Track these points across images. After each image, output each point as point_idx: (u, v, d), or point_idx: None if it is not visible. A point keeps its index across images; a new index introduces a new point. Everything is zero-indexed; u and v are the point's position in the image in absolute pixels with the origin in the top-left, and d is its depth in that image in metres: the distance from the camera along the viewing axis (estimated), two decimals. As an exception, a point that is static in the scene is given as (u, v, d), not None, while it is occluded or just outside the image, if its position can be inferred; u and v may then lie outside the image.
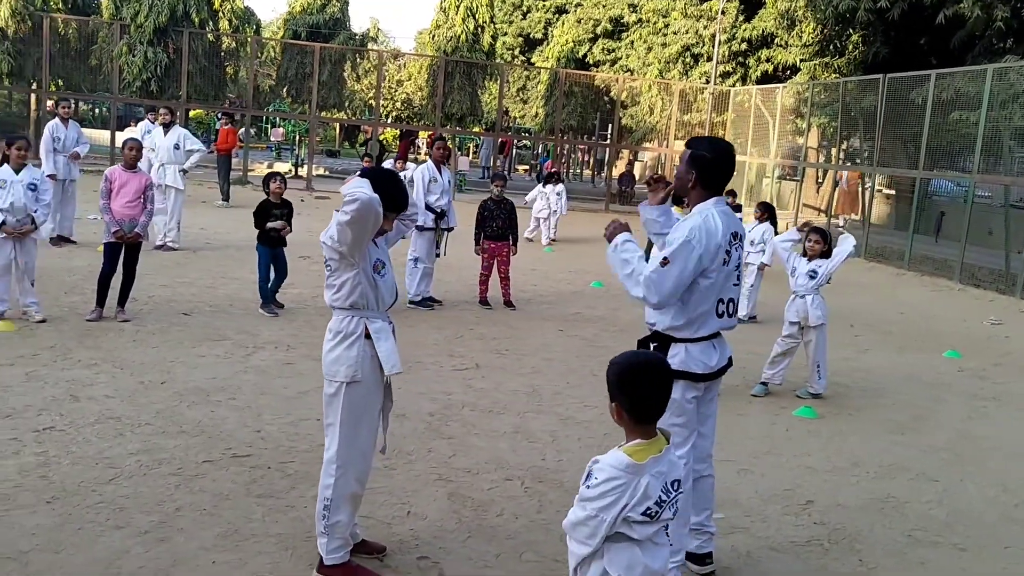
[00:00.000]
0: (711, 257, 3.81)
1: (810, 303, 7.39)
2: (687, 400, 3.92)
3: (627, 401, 2.64)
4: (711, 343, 3.97)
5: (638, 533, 2.60)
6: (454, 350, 8.13)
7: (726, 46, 27.83)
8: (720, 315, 3.96)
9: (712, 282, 3.87)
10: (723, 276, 3.89)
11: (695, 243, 3.78)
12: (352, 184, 3.54)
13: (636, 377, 2.66)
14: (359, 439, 3.81)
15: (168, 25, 23.37)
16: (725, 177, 4.03)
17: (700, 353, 3.92)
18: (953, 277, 16.34)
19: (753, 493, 5.28)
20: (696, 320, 3.89)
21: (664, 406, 2.68)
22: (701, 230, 3.80)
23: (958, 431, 6.96)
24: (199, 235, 13.66)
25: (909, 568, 4.46)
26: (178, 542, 4.06)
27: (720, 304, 3.94)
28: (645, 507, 2.57)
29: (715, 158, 3.97)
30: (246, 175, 23.81)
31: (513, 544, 4.32)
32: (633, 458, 2.59)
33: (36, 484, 4.53)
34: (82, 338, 7.39)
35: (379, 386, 3.85)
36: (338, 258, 3.68)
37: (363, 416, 3.80)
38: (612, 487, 2.56)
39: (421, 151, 43.12)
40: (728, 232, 3.88)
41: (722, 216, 3.90)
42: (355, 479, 3.83)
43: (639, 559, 2.61)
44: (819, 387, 7.45)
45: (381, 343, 3.76)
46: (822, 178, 27.48)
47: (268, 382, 6.61)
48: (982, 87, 15.90)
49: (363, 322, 3.76)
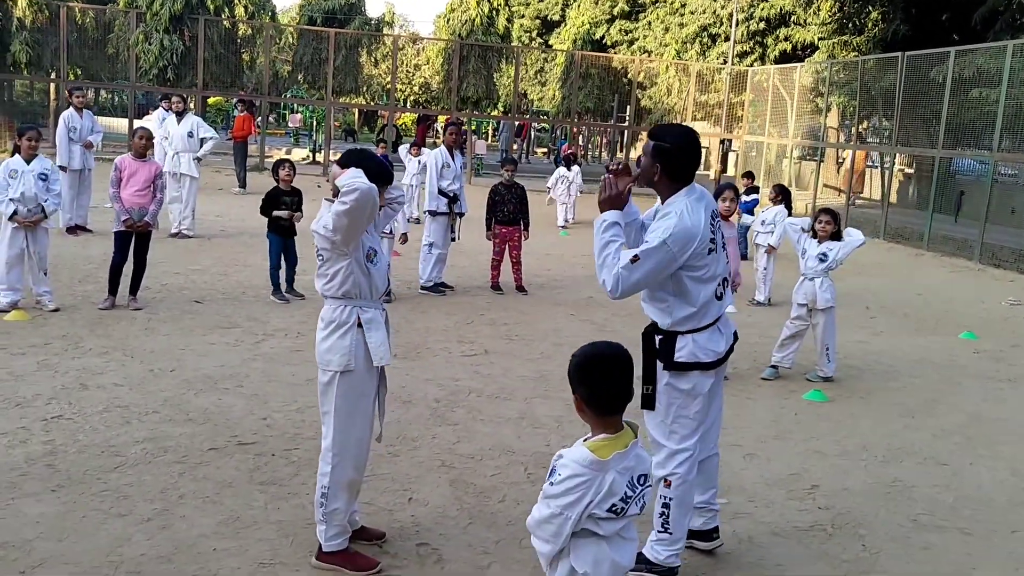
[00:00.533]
0: (691, 252, 3.74)
1: (819, 285, 7.34)
2: (701, 391, 3.88)
3: (586, 392, 2.60)
4: (716, 328, 3.93)
5: (604, 529, 2.57)
6: (464, 335, 8.14)
7: (744, 26, 27.56)
8: (719, 297, 3.93)
9: (705, 272, 3.82)
10: (714, 261, 3.85)
11: (670, 244, 3.69)
12: (348, 175, 3.55)
13: (595, 368, 2.62)
14: (354, 427, 3.82)
15: (184, 12, 23.47)
16: (691, 165, 3.93)
17: (707, 341, 3.87)
18: (973, 257, 16.16)
19: (759, 478, 5.26)
20: (697, 310, 3.84)
21: (626, 398, 2.63)
22: (678, 230, 3.71)
23: (971, 414, 6.89)
24: (214, 222, 13.73)
25: (912, 553, 4.43)
26: (179, 529, 4.09)
27: (717, 287, 3.90)
28: (610, 503, 2.53)
29: (677, 147, 3.86)
30: (263, 162, 23.88)
31: (513, 530, 4.32)
32: (597, 454, 2.54)
33: (42, 472, 4.58)
34: (94, 327, 7.46)
35: (373, 374, 3.86)
36: (330, 247, 3.68)
37: (357, 404, 3.81)
38: (576, 484, 2.52)
39: (440, 136, 43.16)
40: (707, 217, 3.82)
41: (696, 204, 3.81)
42: (352, 466, 3.85)
43: (606, 554, 2.58)
44: (828, 370, 7.40)
45: (372, 333, 3.76)
46: (842, 158, 27.23)
47: (276, 369, 6.64)
48: (1003, 63, 15.66)
49: (356, 311, 3.76)
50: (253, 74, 26.96)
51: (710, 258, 3.83)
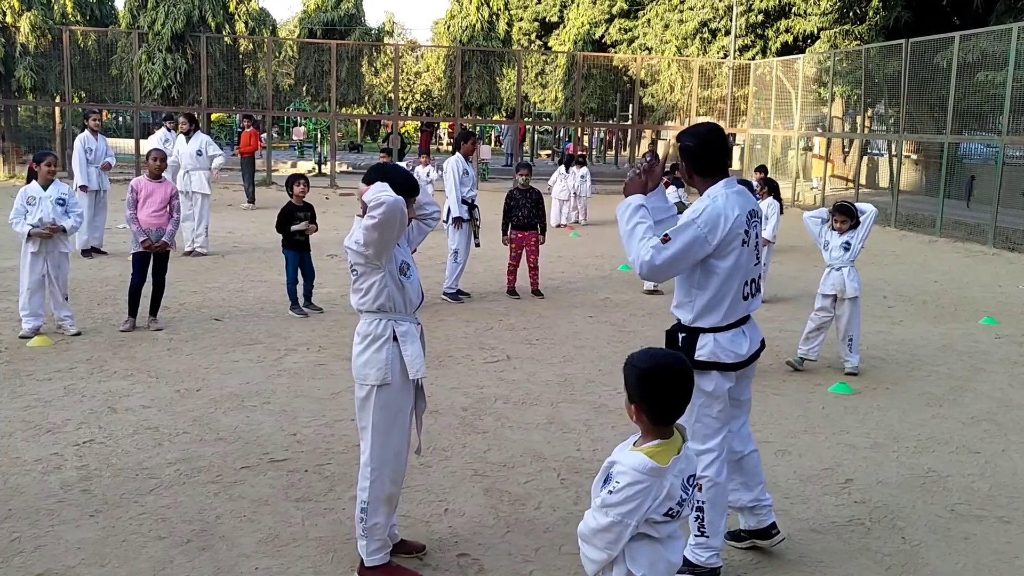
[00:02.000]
0: (720, 238, 3.73)
1: (847, 275, 7.34)
2: (722, 392, 3.86)
3: (648, 405, 2.60)
4: (740, 330, 3.89)
5: (660, 532, 2.59)
6: (485, 342, 8.14)
7: (743, 19, 27.52)
8: (745, 297, 3.90)
9: (733, 264, 3.78)
10: (744, 257, 3.82)
11: (700, 224, 3.71)
12: (374, 189, 3.55)
13: (658, 381, 2.61)
14: (392, 440, 3.82)
15: (185, 31, 23.52)
16: (718, 159, 3.93)
17: (729, 342, 3.84)
18: (986, 242, 16.10)
19: (792, 474, 5.24)
20: (720, 306, 3.81)
21: (684, 407, 2.64)
22: (710, 211, 3.74)
23: (998, 400, 6.86)
24: (227, 239, 13.77)
25: (953, 543, 4.41)
26: (220, 550, 4.10)
27: (745, 287, 3.88)
28: (668, 507, 2.55)
29: (699, 145, 3.91)
30: (270, 176, 23.95)
31: (551, 537, 4.32)
32: (655, 460, 2.54)
33: (79, 498, 4.59)
34: (116, 349, 7.48)
35: (409, 386, 3.86)
36: (364, 262, 3.69)
37: (396, 418, 3.81)
38: (636, 491, 2.52)
39: (443, 143, 43.16)
40: (745, 211, 3.80)
41: (735, 196, 3.81)
42: (390, 480, 3.85)
43: (661, 555, 2.60)
44: (853, 361, 7.38)
45: (407, 346, 3.76)
46: (848, 147, 27.16)
47: (301, 384, 6.65)
48: (1008, 46, 15.62)
49: (391, 325, 3.77)
50: (256, 89, 26.98)
51: (740, 251, 3.79)
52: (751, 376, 4.12)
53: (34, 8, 23.69)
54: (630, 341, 7.94)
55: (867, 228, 7.38)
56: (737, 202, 3.80)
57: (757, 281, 3.96)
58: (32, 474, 4.87)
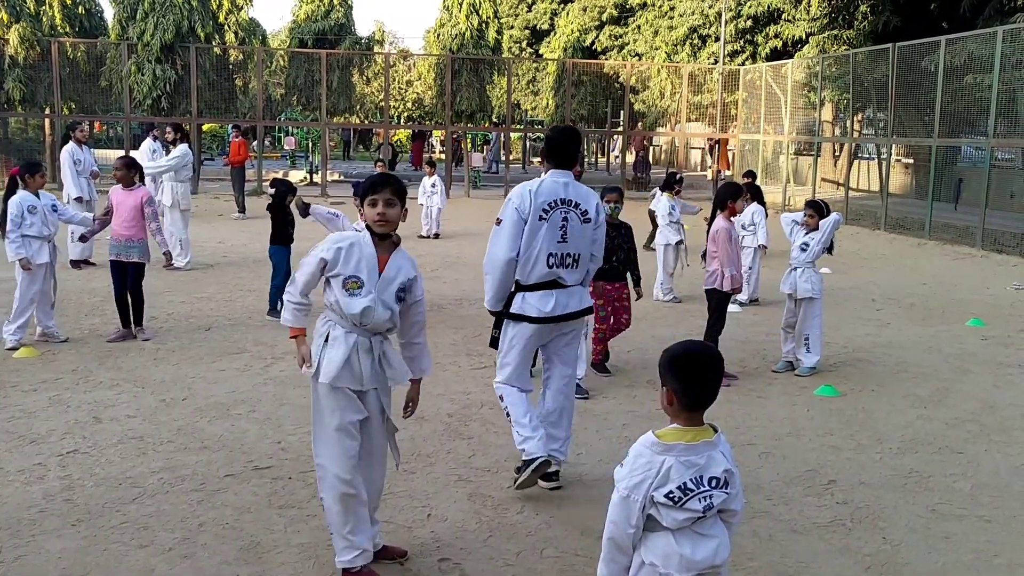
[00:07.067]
0: (526, 211, 4.65)
1: (799, 275, 7.40)
2: (517, 337, 4.82)
3: (677, 387, 2.67)
4: (548, 292, 4.73)
5: (666, 519, 2.61)
6: (472, 349, 8.15)
7: (732, 24, 27.64)
8: (551, 266, 4.71)
9: (531, 233, 4.64)
10: (542, 231, 4.66)
11: (513, 198, 4.72)
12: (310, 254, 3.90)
13: (688, 365, 2.69)
14: (329, 436, 3.80)
15: (175, 42, 23.50)
16: (558, 153, 4.82)
17: (537, 300, 4.73)
18: (975, 244, 16.17)
19: (775, 476, 5.26)
20: (526, 266, 4.71)
21: (711, 398, 2.70)
22: (520, 188, 4.74)
23: (983, 401, 6.89)
24: (217, 248, 13.77)
25: (933, 543, 4.43)
26: (201, 558, 4.10)
27: (551, 258, 4.69)
28: (667, 490, 2.59)
29: (551, 138, 4.99)
30: (261, 185, 23.92)
31: (533, 541, 4.33)
32: (660, 438, 2.65)
33: (61, 508, 4.59)
34: (103, 359, 7.48)
35: (346, 395, 3.81)
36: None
37: (332, 415, 3.80)
38: (638, 464, 2.63)
39: (436, 150, 43.20)
40: (553, 197, 4.69)
41: (551, 182, 4.73)
42: (338, 480, 3.78)
43: (674, 548, 2.62)
44: (808, 361, 7.40)
45: (327, 349, 3.82)
46: (839, 151, 27.25)
47: (287, 393, 6.65)
48: (994, 49, 15.70)
49: (329, 326, 3.89)
50: (247, 99, 26.95)
51: (537, 224, 4.65)
52: (573, 332, 4.97)
53: (23, 20, 23.70)
54: (614, 347, 7.93)
55: (826, 232, 7.45)
56: (549, 187, 4.72)
57: (572, 256, 4.76)
58: (14, 484, 4.87)
